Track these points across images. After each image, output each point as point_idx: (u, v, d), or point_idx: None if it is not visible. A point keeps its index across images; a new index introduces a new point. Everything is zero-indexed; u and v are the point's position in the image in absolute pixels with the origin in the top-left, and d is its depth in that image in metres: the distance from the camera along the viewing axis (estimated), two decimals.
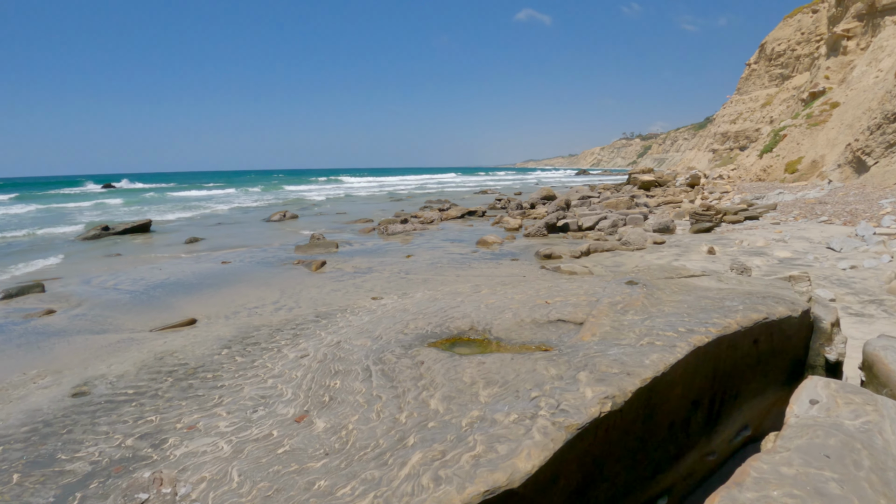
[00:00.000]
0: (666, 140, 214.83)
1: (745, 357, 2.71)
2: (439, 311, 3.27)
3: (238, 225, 17.31)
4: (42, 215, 23.40)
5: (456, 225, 14.80)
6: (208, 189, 45.74)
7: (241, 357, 2.86)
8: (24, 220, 20.56)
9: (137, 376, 2.71)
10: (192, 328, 5.99)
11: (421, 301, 3.63)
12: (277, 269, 9.20)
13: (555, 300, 3.26)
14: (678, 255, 8.78)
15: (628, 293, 3.25)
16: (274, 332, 3.31)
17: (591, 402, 1.86)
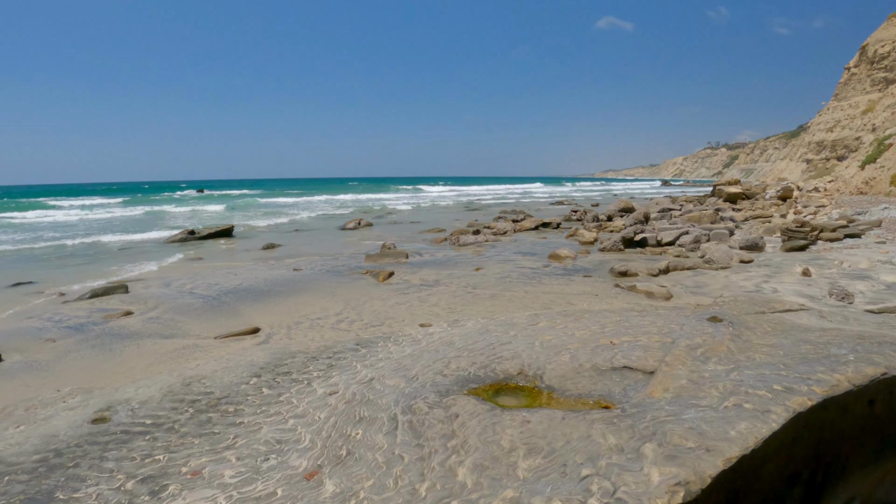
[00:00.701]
0: (754, 150, 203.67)
1: (857, 421, 2.18)
2: (487, 348, 2.88)
3: (314, 232, 17.60)
4: (146, 218, 24.91)
5: (529, 237, 14.33)
6: (294, 196, 47.25)
7: (268, 389, 2.62)
8: (127, 224, 21.87)
9: (160, 404, 2.52)
10: (255, 337, 5.94)
11: (470, 332, 3.26)
12: (345, 278, 9.12)
13: (621, 339, 2.81)
14: (767, 277, 7.95)
15: (710, 334, 2.75)
16: (309, 361, 3.06)
17: (656, 491, 1.45)
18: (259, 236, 16.52)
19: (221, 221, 20.53)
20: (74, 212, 29.89)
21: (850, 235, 11.80)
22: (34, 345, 6.01)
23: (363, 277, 9.11)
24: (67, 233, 19.00)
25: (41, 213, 29.43)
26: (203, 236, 16.02)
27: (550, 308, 6.49)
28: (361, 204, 34.86)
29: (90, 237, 17.00)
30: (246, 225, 20.39)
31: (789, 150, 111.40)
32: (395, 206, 31.57)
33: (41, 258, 12.64)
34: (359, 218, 20.41)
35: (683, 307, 3.34)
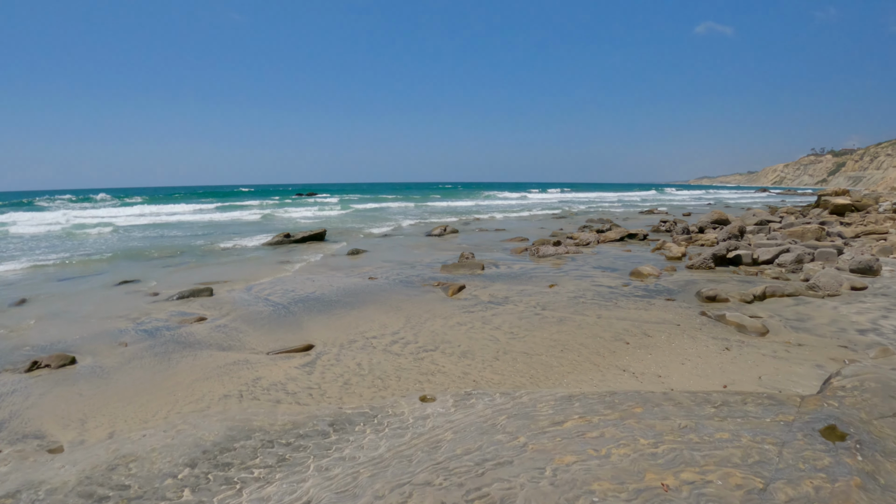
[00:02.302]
0: (864, 156, 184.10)
1: None
2: (474, 469, 2.02)
3: (401, 238, 17.23)
4: (261, 221, 25.83)
5: (613, 249, 13.12)
6: (389, 201, 47.71)
7: (190, 493, 2.00)
8: (240, 227, 22.68)
9: (68, 495, 1.98)
10: (305, 355, 5.46)
11: (469, 427, 2.39)
12: (415, 290, 8.54)
13: (681, 479, 1.80)
14: (887, 311, 6.48)
15: (827, 469, 1.71)
16: (263, 447, 2.42)
17: None
18: (349, 241, 16.40)
19: (334, 225, 20.83)
20: (191, 213, 31.76)
21: None
22: (108, 348, 5.88)
23: (433, 290, 8.50)
24: (188, 232, 20.00)
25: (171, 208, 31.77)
26: (297, 240, 16.12)
27: (622, 338, 5.52)
28: (453, 210, 34.38)
29: (203, 238, 17.66)
30: (339, 229, 20.49)
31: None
32: (484, 213, 30.86)
33: (155, 257, 13.09)
34: (445, 224, 19.89)
35: (784, 408, 2.22)
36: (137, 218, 26.96)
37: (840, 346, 5.21)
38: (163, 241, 16.90)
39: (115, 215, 29.46)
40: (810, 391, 4.18)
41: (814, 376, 4.42)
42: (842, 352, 5.06)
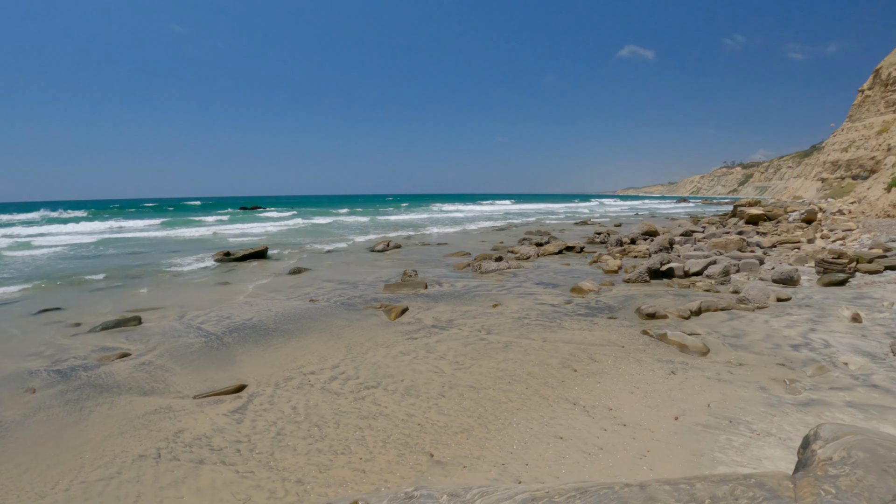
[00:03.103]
0: (769, 168, 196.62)
1: None
2: None
3: (344, 254, 16.54)
4: (199, 237, 24.34)
5: (552, 263, 13.00)
6: (339, 215, 46.47)
7: None
8: (178, 245, 21.26)
9: None
10: (235, 399, 4.86)
11: None
12: (357, 313, 8.01)
13: None
14: (813, 323, 6.52)
15: None
16: None
17: None
18: (293, 258, 15.59)
19: (281, 240, 19.75)
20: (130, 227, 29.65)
21: (890, 267, 10.16)
22: (12, 396, 5.05)
23: (375, 313, 8.00)
24: (127, 250, 18.54)
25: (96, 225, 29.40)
26: (238, 258, 15.20)
27: (570, 365, 5.24)
28: (400, 224, 33.72)
29: (142, 257, 16.35)
30: (285, 244, 19.55)
31: (803, 168, 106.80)
32: (430, 226, 30.47)
33: (84, 280, 11.89)
34: (388, 240, 19.37)
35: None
36: (75, 237, 24.67)
37: (778, 365, 5.11)
38: (98, 261, 15.50)
39: (51, 232, 27.10)
40: (758, 417, 4.00)
41: (760, 401, 4.25)
42: (781, 371, 4.95)
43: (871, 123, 63.16)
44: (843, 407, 4.16)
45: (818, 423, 4.05)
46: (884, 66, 61.85)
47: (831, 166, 66.53)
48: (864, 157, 60.44)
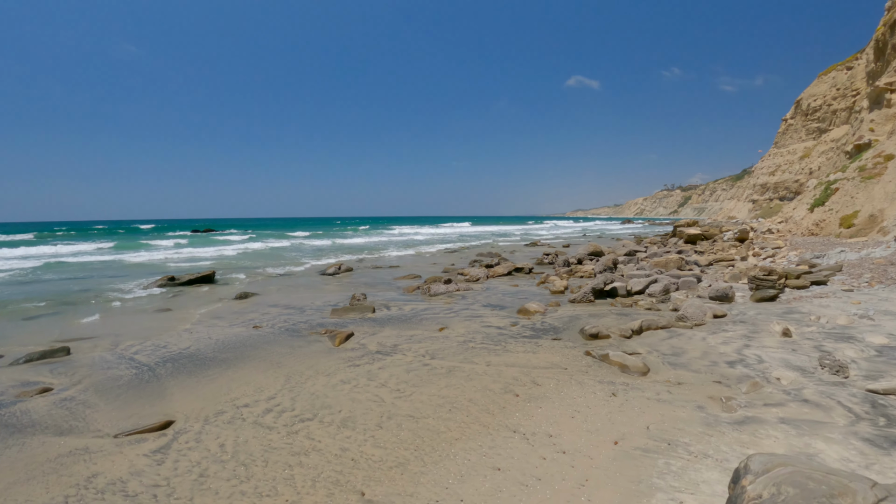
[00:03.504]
0: (705, 191, 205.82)
1: None
2: None
3: (295, 278, 16.00)
4: (143, 261, 23.09)
5: (501, 284, 12.94)
6: (294, 238, 45.32)
7: None
8: (122, 269, 20.11)
9: None
10: (159, 437, 4.45)
11: None
12: (301, 340, 7.66)
13: None
14: (747, 339, 6.61)
15: None
16: None
17: None
18: (241, 282, 14.96)
19: (232, 264, 18.85)
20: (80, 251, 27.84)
21: (816, 283, 10.57)
22: None
23: (320, 339, 7.66)
24: (68, 275, 17.34)
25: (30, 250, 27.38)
26: (183, 282, 14.47)
27: (512, 390, 5.06)
28: (355, 247, 33.07)
29: (84, 283, 15.31)
30: (235, 268, 18.76)
31: (735, 191, 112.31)
32: (386, 248, 30.06)
33: (17, 308, 10.98)
34: (340, 263, 18.95)
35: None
36: (16, 261, 22.69)
37: (715, 382, 5.10)
38: (36, 287, 14.41)
39: None
40: (696, 438, 3.93)
41: (698, 421, 4.18)
42: (718, 388, 4.94)
43: (794, 149, 67.11)
44: (776, 423, 4.14)
45: (753, 441, 4.02)
46: (804, 98, 66.07)
47: (760, 189, 70.16)
48: (790, 180, 64.04)
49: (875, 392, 4.84)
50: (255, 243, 35.79)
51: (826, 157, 54.14)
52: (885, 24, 37.03)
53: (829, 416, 4.28)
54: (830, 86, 61.76)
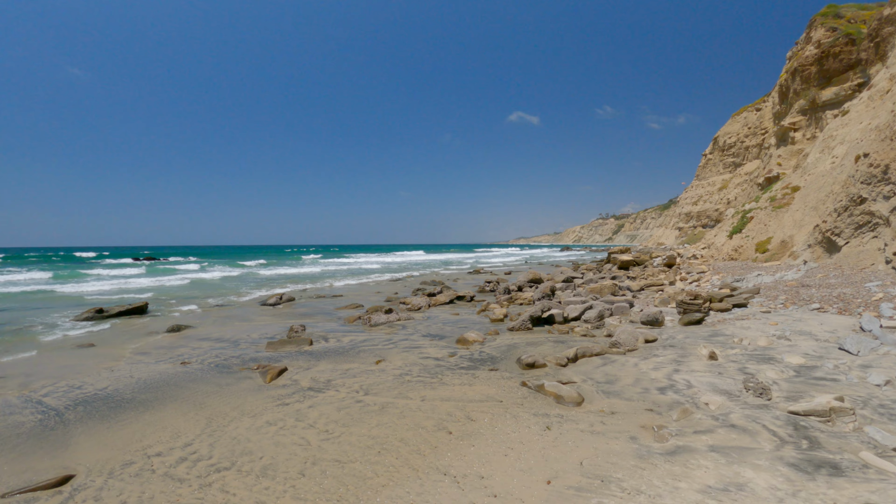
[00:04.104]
0: (637, 219, 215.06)
1: None
2: None
3: (233, 309, 15.14)
4: (91, 293, 21.31)
5: (443, 313, 12.69)
6: (244, 267, 43.22)
7: None
8: (55, 301, 18.44)
9: None
10: (53, 495, 3.87)
11: None
12: (230, 377, 7.09)
13: None
14: (677, 364, 6.62)
15: None
16: None
17: None
18: (176, 314, 13.97)
19: (172, 294, 17.50)
20: None
21: (737, 305, 10.91)
22: None
23: (250, 376, 7.13)
24: None
25: None
26: (113, 315, 13.41)
27: (446, 427, 4.77)
28: (300, 276, 31.87)
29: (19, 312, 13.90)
30: (173, 298, 17.57)
31: (663, 219, 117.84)
32: (331, 278, 29.15)
33: None
34: (282, 293, 18.19)
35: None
36: None
37: (647, 410, 4.99)
38: None
39: None
40: (629, 473, 3.75)
41: (630, 453, 4.02)
42: (649, 416, 4.83)
43: (713, 181, 71.30)
44: (706, 452, 4.03)
45: (685, 472, 3.88)
46: (720, 135, 70.60)
47: (685, 217, 73.86)
48: (711, 209, 67.77)
49: (796, 413, 4.86)
50: (202, 272, 33.93)
51: (741, 188, 57.74)
52: (787, 72, 40.28)
53: (756, 442, 4.22)
54: (743, 125, 66.36)
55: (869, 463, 3.88)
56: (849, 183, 16.98)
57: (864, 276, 12.50)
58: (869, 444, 4.20)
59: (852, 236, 15.65)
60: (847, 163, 19.35)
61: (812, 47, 35.96)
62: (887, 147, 14.05)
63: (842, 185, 17.75)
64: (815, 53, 35.29)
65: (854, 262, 14.47)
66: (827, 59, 34.37)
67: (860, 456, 3.96)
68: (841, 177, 18.80)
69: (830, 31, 35.55)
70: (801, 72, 36.61)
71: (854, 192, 16.15)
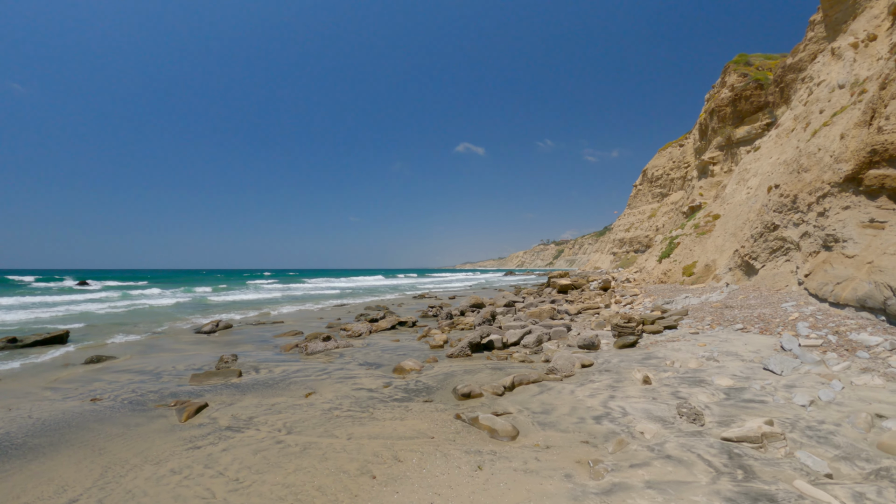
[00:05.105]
0: (575, 245, 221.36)
1: None
2: None
3: (163, 338, 13.85)
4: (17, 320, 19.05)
5: (383, 339, 12.09)
6: (194, 293, 40.41)
7: None
8: None
9: None
10: None
11: None
12: (142, 416, 6.24)
13: None
14: (612, 389, 6.36)
15: None
16: None
17: None
18: (98, 345, 12.58)
19: (103, 321, 15.75)
20: None
21: (668, 327, 10.94)
22: None
23: (166, 413, 6.30)
24: None
25: None
26: (28, 344, 11.99)
27: (370, 470, 4.22)
28: (247, 301, 29.92)
29: None
30: (102, 326, 15.88)
31: (599, 244, 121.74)
32: (276, 304, 27.62)
33: None
34: (218, 320, 17.00)
35: None
36: None
37: (583, 443, 4.64)
38: None
39: None
40: None
41: (565, 494, 3.62)
42: (585, 450, 4.47)
43: (643, 210, 74.34)
44: (643, 489, 3.69)
45: None
46: (649, 168, 74.00)
47: (619, 243, 76.41)
48: (641, 235, 70.42)
49: (729, 440, 4.64)
50: (145, 298, 31.08)
51: (668, 216, 60.41)
52: (706, 112, 42.76)
53: (693, 474, 3.93)
54: (668, 159, 69.86)
55: (804, 493, 3.65)
56: (763, 211, 17.80)
57: (780, 296, 12.91)
58: (801, 470, 4.00)
59: (768, 260, 16.31)
60: (760, 193, 20.38)
61: (727, 90, 38.38)
62: (795, 179, 14.79)
63: (757, 214, 18.61)
64: (729, 96, 37.65)
65: (770, 283, 15.00)
66: (740, 102, 36.72)
67: (794, 485, 3.73)
68: (756, 206, 19.76)
69: (742, 76, 38.12)
70: (718, 112, 38.93)
71: (768, 220, 16.91)
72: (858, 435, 4.65)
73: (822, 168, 12.86)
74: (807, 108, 20.77)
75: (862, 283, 8.93)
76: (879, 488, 3.60)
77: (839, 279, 9.93)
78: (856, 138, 11.17)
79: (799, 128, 20.19)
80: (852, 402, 5.45)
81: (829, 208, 11.80)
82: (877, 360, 6.69)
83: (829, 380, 6.31)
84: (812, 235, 12.65)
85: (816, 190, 12.70)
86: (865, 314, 8.57)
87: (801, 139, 18.36)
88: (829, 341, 7.84)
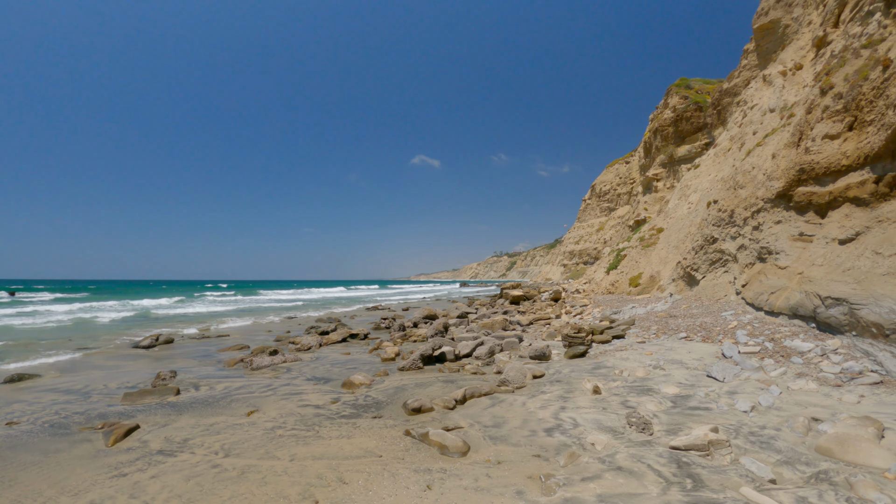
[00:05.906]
0: (527, 257, 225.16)
1: None
2: None
3: (96, 354, 12.81)
4: None
5: (333, 353, 11.67)
6: (139, 305, 37.71)
7: None
8: None
9: None
10: None
11: None
12: (64, 441, 5.66)
13: None
14: (563, 400, 6.30)
15: None
16: None
17: None
18: (26, 361, 11.45)
19: (32, 337, 14.28)
20: None
21: (616, 336, 11.09)
22: None
23: (91, 437, 5.75)
24: None
25: None
26: None
27: (312, 495, 3.93)
28: (195, 315, 28.09)
29: None
30: (29, 338, 14.52)
31: (551, 256, 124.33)
32: (224, 317, 26.20)
33: None
34: (158, 334, 16.01)
35: None
36: None
37: (534, 457, 4.51)
38: None
39: None
40: None
41: None
42: (537, 464, 4.34)
43: (592, 223, 76.44)
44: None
45: None
46: (597, 183, 76.34)
47: (569, 255, 78.17)
48: (590, 247, 72.31)
49: (678, 448, 4.63)
50: (83, 312, 27.92)
51: (615, 229, 62.37)
52: (650, 131, 44.59)
53: (643, 485, 3.87)
54: (615, 175, 72.36)
55: (750, 500, 3.64)
56: (703, 225, 18.56)
57: (720, 306, 13.38)
58: (746, 476, 4.01)
59: (708, 271, 16.97)
60: (700, 208, 21.29)
61: (669, 112, 40.18)
62: (732, 195, 15.49)
63: (697, 227, 19.39)
64: (671, 117, 39.43)
65: (711, 293, 15.57)
66: (681, 122, 38.52)
67: (741, 492, 3.73)
68: (696, 220, 20.62)
69: (683, 98, 40.04)
70: (661, 131, 40.67)
71: (707, 233, 17.63)
72: (797, 439, 4.74)
73: (756, 185, 13.50)
74: (741, 129, 21.93)
75: (794, 293, 9.33)
76: (820, 492, 3.64)
77: (773, 289, 10.36)
78: (786, 158, 11.78)
79: (735, 147, 21.25)
80: (790, 406, 5.59)
81: (763, 222, 12.37)
82: (809, 366, 6.95)
83: (767, 385, 6.49)
84: (748, 248, 13.21)
85: (751, 205, 13.30)
86: (798, 322, 8.94)
87: (736, 158, 19.31)
88: (766, 348, 8.11)
